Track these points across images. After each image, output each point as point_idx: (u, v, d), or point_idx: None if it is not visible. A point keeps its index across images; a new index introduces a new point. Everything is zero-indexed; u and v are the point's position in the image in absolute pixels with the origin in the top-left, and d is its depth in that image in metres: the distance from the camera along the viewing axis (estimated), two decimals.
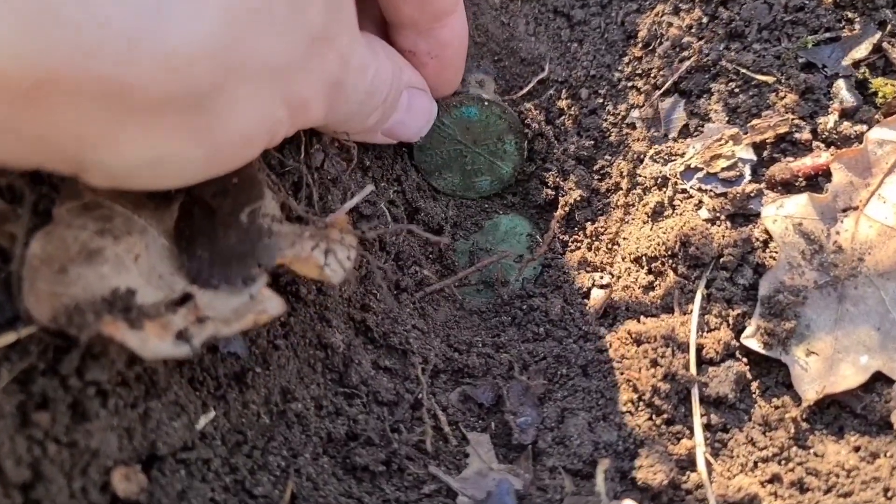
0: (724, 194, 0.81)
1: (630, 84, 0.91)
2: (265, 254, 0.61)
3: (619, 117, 0.91)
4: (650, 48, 0.90)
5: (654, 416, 0.73)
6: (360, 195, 0.75)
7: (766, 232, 0.78)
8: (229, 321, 0.57)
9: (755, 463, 0.71)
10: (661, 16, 0.90)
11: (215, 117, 0.52)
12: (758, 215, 0.80)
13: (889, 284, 0.73)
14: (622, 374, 0.76)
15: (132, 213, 0.62)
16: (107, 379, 0.59)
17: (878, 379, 0.72)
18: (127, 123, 0.48)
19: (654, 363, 0.75)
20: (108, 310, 0.54)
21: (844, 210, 0.77)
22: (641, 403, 0.74)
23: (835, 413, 0.73)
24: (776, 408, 0.73)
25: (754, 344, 0.75)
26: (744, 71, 0.84)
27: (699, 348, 0.76)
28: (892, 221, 0.74)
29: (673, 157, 0.86)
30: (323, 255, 0.62)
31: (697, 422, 0.72)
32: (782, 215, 0.78)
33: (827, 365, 0.73)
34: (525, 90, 0.94)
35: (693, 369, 0.74)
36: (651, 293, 0.81)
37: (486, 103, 0.88)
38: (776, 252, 0.78)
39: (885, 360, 0.71)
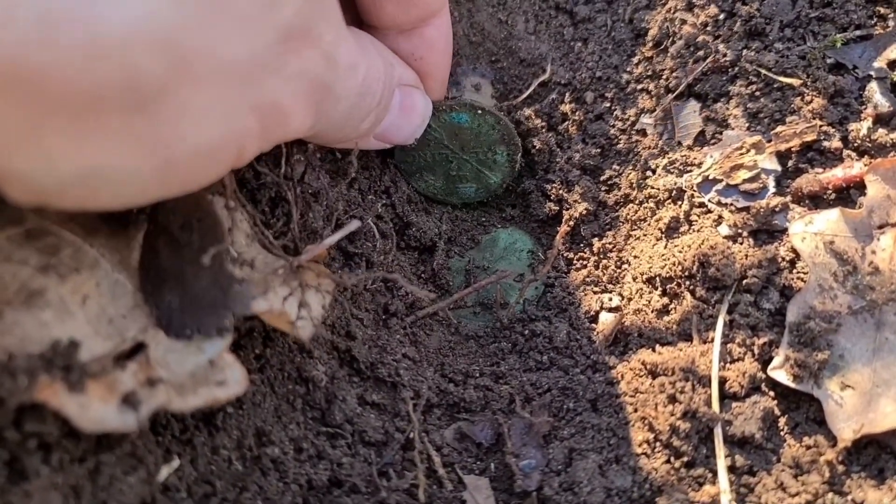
0: (747, 209, 0.74)
1: (640, 87, 0.84)
2: (237, 302, 0.54)
3: (628, 123, 0.84)
4: (662, 47, 0.83)
5: (672, 459, 0.66)
6: (342, 231, 0.67)
7: (794, 251, 0.71)
8: (184, 390, 0.50)
9: None
10: (674, 12, 0.83)
11: (164, 123, 0.43)
12: (783, 232, 0.73)
13: None
14: (636, 410, 0.69)
15: (83, 242, 0.54)
16: (50, 430, 0.51)
17: None
18: (49, 124, 0.40)
19: (673, 399, 0.67)
20: (46, 368, 0.46)
21: (881, 227, 0.69)
22: (658, 444, 0.67)
23: (874, 454, 0.65)
24: (808, 448, 0.66)
25: (783, 376, 0.67)
26: (765, 72, 0.77)
27: (722, 382, 0.68)
28: None
29: (688, 168, 0.78)
30: (296, 309, 0.56)
31: (721, 464, 0.65)
32: (812, 232, 0.70)
33: (865, 400, 0.65)
34: (525, 94, 0.86)
35: (716, 406, 0.67)
36: (666, 318, 0.74)
37: (479, 112, 0.80)
38: (805, 273, 0.70)
39: None
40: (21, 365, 0.45)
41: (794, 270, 0.71)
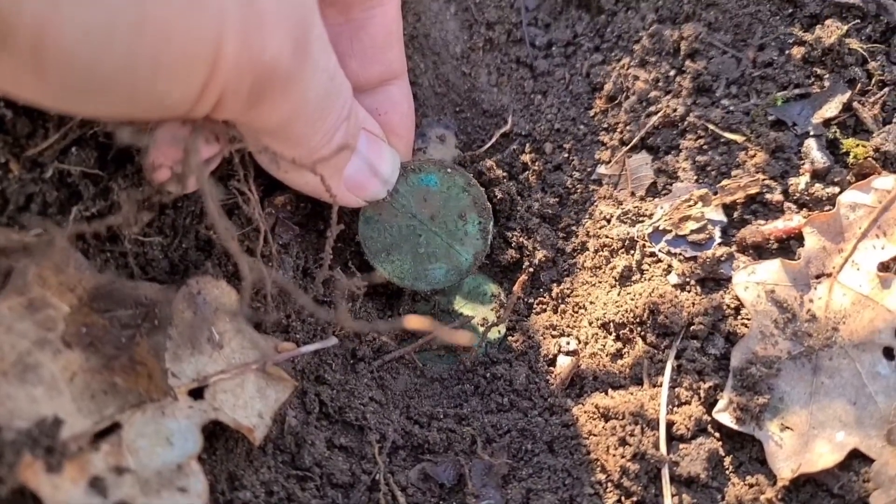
0: (694, 258, 0.78)
1: (596, 138, 0.88)
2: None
3: (585, 173, 0.88)
4: (616, 101, 0.88)
5: (623, 498, 0.70)
6: (320, 344, 0.74)
7: (738, 299, 0.75)
8: (149, 489, 0.55)
9: None
10: (627, 68, 0.87)
11: None
12: (729, 280, 0.77)
13: (864, 356, 0.71)
14: (589, 452, 0.73)
15: (78, 315, 0.59)
16: None
17: (856, 456, 0.69)
18: None
19: (623, 441, 0.71)
20: (31, 447, 0.50)
21: (818, 276, 0.74)
22: (610, 484, 0.71)
23: (811, 492, 0.70)
24: (750, 486, 0.70)
25: (727, 419, 0.71)
26: (712, 128, 0.82)
27: (669, 424, 0.72)
28: (867, 290, 0.72)
29: (641, 218, 0.82)
30: (256, 417, 0.64)
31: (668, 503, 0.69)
32: (754, 282, 0.75)
33: (802, 441, 0.70)
34: (488, 144, 0.90)
35: (663, 448, 0.71)
36: (619, 362, 0.78)
37: (448, 171, 0.81)
38: (748, 320, 0.75)
39: (862, 438, 0.68)
40: (8, 439, 0.49)
41: (739, 317, 0.75)
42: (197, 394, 0.65)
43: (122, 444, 0.58)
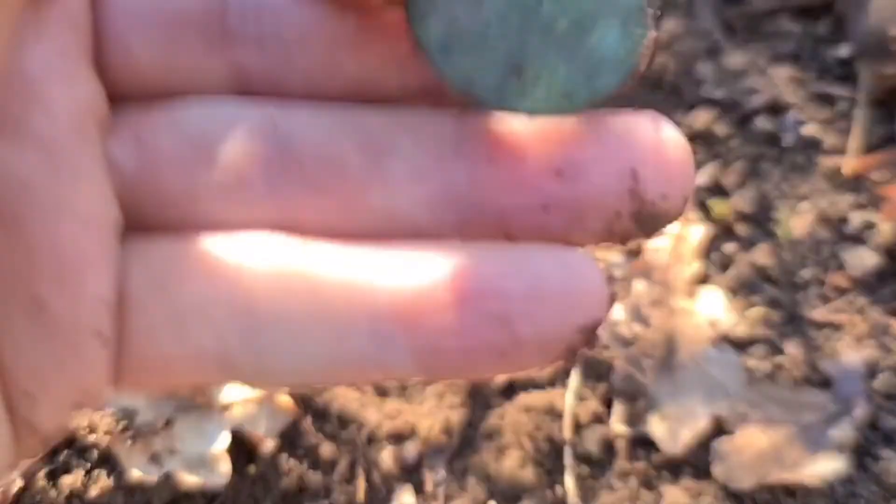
0: None
1: None
2: None
3: None
4: None
5: (537, 469, 0.94)
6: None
7: None
8: (190, 464, 0.80)
9: None
10: None
11: None
12: None
13: (699, 350, 0.95)
14: (516, 436, 0.97)
15: None
16: None
17: (718, 429, 0.93)
18: None
19: (538, 427, 0.96)
20: (117, 423, 0.76)
21: (653, 304, 0.99)
22: (527, 460, 0.95)
23: (675, 467, 0.94)
24: (632, 461, 0.94)
25: (623, 429, 0.96)
26: None
27: (574, 416, 0.97)
28: (681, 304, 0.97)
29: None
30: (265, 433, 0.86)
31: (569, 473, 0.94)
32: (607, 329, 0.99)
33: (680, 424, 0.94)
34: None
35: (567, 432, 0.96)
36: (543, 369, 1.03)
37: None
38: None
39: (719, 407, 0.93)
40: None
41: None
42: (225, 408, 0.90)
43: (174, 434, 0.84)
